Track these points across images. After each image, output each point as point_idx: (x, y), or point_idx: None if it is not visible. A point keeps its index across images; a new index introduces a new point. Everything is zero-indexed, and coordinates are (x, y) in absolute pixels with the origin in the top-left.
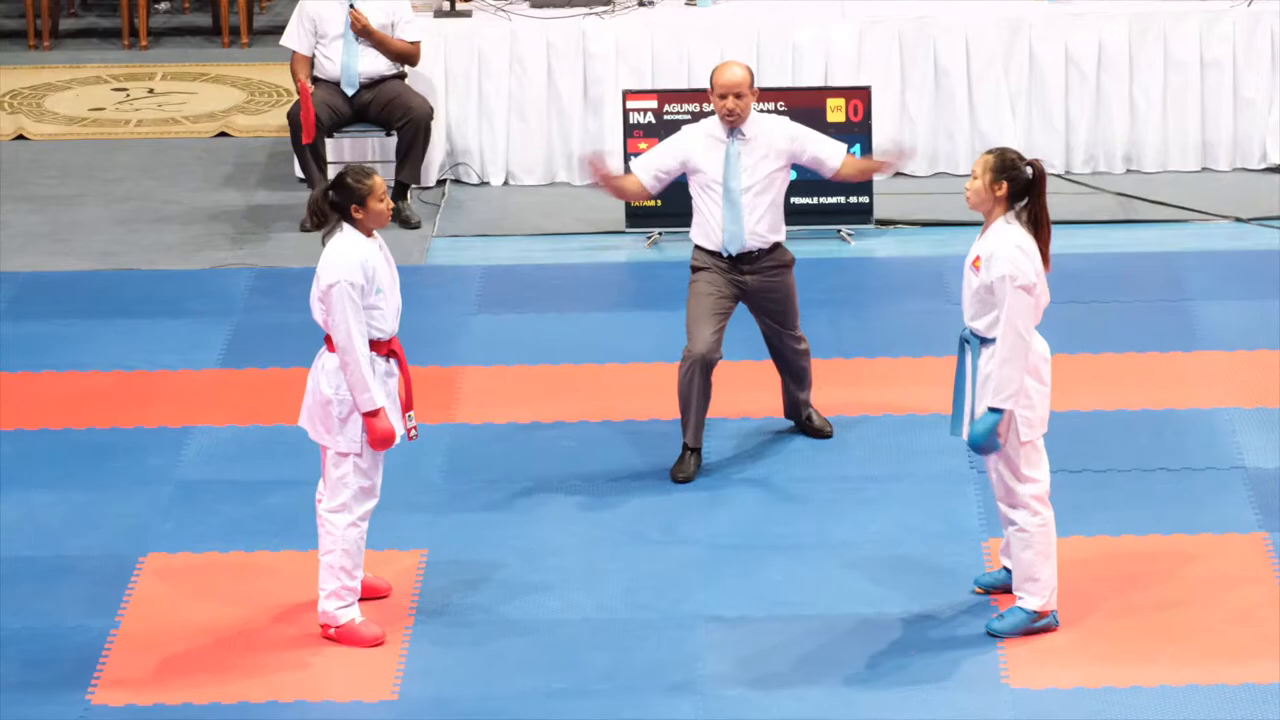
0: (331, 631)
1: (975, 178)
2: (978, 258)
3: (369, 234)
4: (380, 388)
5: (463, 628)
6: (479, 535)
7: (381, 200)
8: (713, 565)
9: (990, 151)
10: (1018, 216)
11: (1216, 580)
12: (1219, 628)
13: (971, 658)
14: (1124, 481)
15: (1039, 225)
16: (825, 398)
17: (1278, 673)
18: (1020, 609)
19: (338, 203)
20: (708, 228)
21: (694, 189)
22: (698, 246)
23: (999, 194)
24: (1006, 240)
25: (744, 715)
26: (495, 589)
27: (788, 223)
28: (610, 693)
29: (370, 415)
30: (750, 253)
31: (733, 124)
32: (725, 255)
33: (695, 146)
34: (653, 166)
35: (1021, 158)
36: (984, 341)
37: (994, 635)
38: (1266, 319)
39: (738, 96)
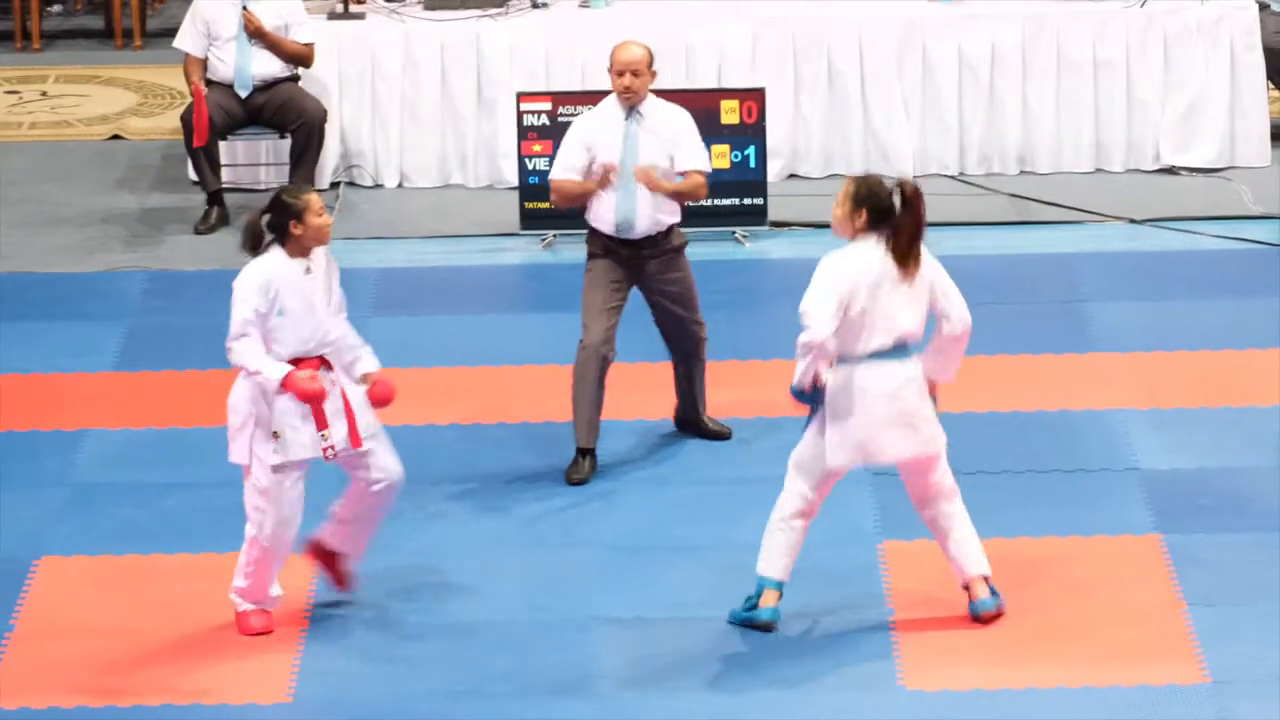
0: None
1: (837, 205)
2: None
3: (305, 253)
4: (274, 363)
5: (359, 629)
6: (375, 537)
7: (320, 215)
8: (610, 567)
9: (851, 179)
10: (884, 240)
11: (1111, 582)
12: (1114, 630)
13: (867, 660)
14: (1019, 483)
15: (905, 245)
16: (721, 399)
17: (1172, 674)
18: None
19: (275, 223)
20: (601, 210)
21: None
22: (593, 231)
23: (858, 223)
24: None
25: (641, 717)
26: (392, 591)
27: (682, 224)
28: (509, 695)
29: (286, 385)
30: (647, 236)
31: (630, 102)
32: (620, 240)
33: (594, 128)
34: (570, 168)
35: (882, 184)
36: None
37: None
38: (1161, 320)
39: (635, 74)
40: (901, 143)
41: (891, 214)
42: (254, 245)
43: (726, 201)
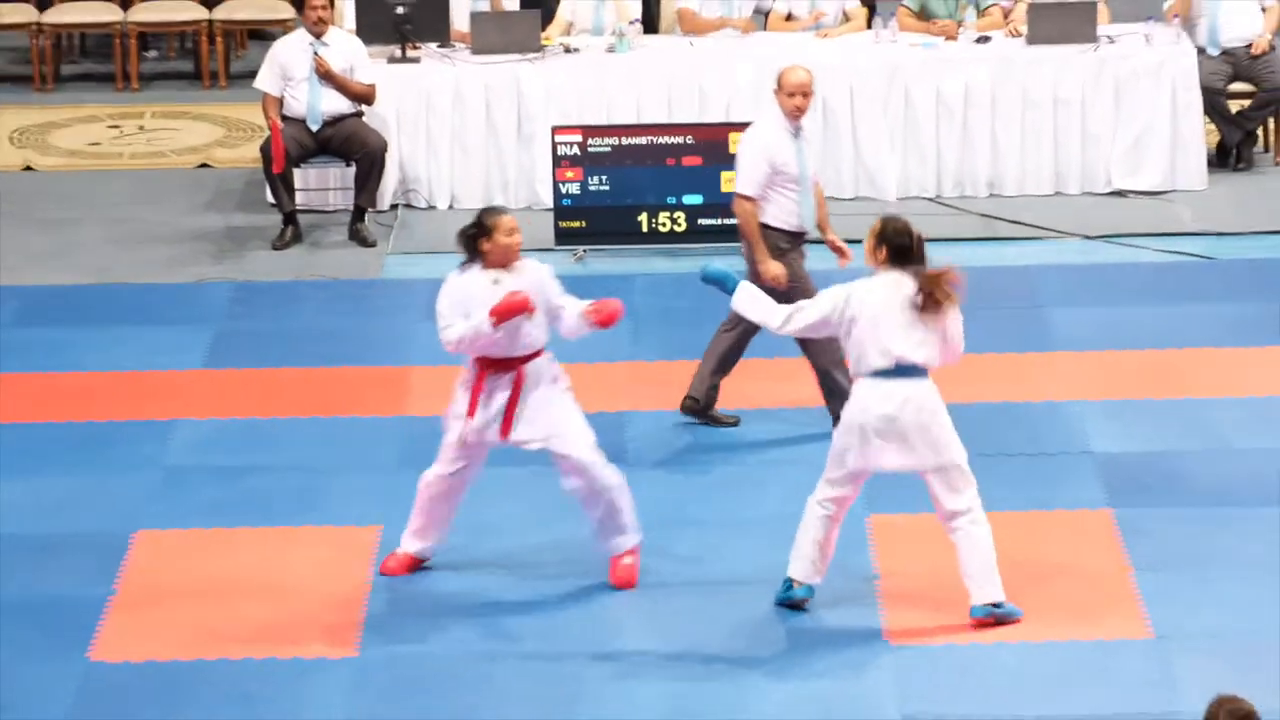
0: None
1: (866, 240)
2: None
3: (498, 267)
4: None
5: (415, 595)
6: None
7: (510, 235)
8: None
9: (880, 219)
10: (909, 276)
11: (1069, 551)
12: (1071, 592)
13: (855, 619)
14: (988, 465)
15: (919, 278)
16: (733, 395)
17: (1121, 630)
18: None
19: (471, 236)
20: (785, 213)
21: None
22: (776, 229)
23: (880, 257)
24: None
25: (656, 672)
26: (443, 559)
27: (694, 240)
28: (540, 654)
29: (494, 317)
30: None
31: (798, 120)
32: (790, 234)
33: (769, 144)
34: (754, 182)
35: (907, 228)
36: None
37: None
38: (1112, 324)
39: (805, 95)
40: (886, 170)
41: (909, 253)
42: (466, 250)
43: (732, 220)
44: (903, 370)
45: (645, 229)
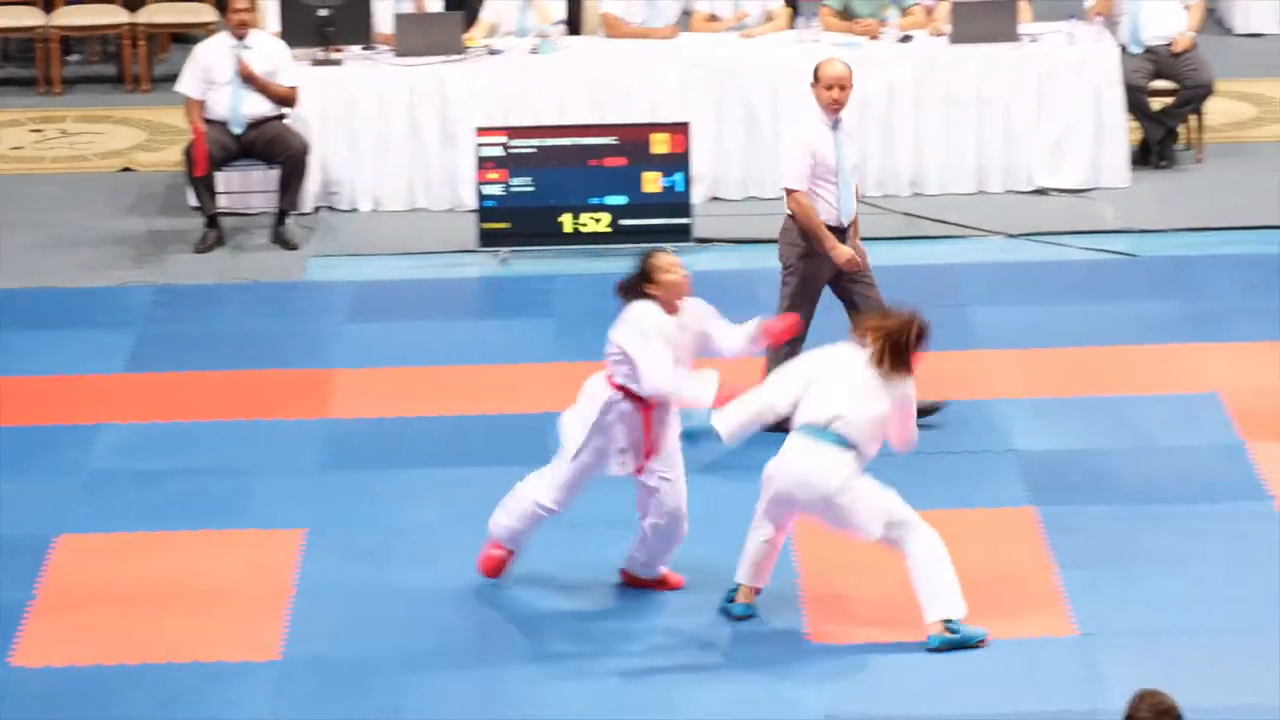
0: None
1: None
2: None
3: (670, 308)
4: (689, 379)
5: (339, 595)
6: (353, 515)
7: (670, 270)
8: (556, 540)
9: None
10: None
11: (991, 548)
12: (995, 589)
13: (777, 618)
14: (912, 463)
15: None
16: None
17: (1045, 627)
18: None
19: (633, 281)
20: (826, 207)
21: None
22: None
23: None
24: None
25: (581, 670)
26: (368, 561)
27: (617, 241)
28: (467, 652)
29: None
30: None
31: (837, 113)
32: (833, 229)
33: (809, 136)
34: (801, 176)
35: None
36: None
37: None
38: (1036, 321)
39: (842, 88)
40: None
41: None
42: (625, 293)
43: (656, 221)
44: (829, 431)
45: (568, 230)
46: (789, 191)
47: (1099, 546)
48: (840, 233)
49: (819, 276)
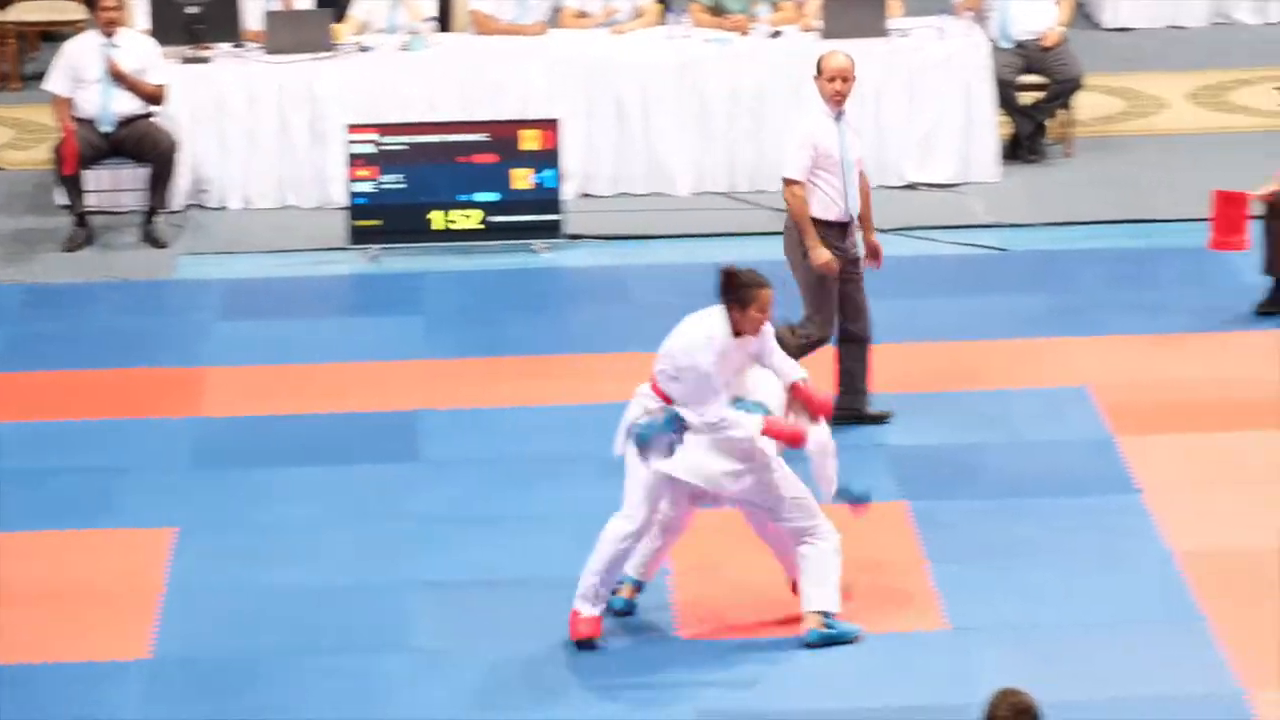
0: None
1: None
2: None
3: (739, 333)
4: (743, 415)
5: (210, 594)
6: (222, 514)
7: (764, 312)
8: (426, 537)
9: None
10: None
11: (864, 544)
12: (868, 582)
13: (646, 613)
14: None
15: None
16: (526, 389)
17: (917, 623)
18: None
19: (728, 291)
20: (828, 201)
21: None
22: (817, 220)
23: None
24: None
25: (453, 667)
26: (238, 560)
27: (487, 238)
28: (338, 649)
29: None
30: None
31: (840, 105)
32: (836, 225)
33: (813, 129)
34: (802, 168)
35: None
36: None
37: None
38: (906, 316)
39: (844, 80)
40: (680, 165)
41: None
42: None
43: (527, 218)
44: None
45: (439, 227)
46: (787, 182)
47: (970, 541)
48: (844, 226)
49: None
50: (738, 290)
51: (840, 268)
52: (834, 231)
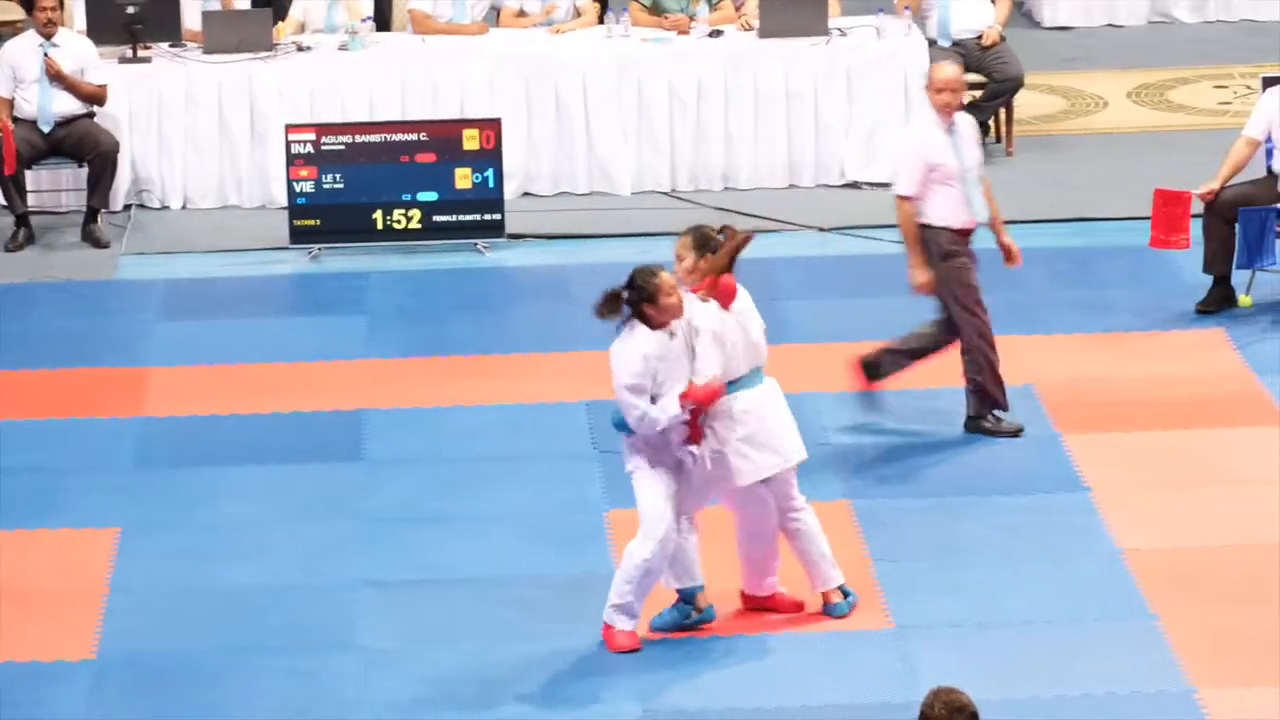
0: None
1: (681, 259)
2: None
3: (664, 325)
4: (666, 404)
5: (154, 594)
6: (166, 514)
7: (671, 295)
8: (373, 536)
9: (687, 232)
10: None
11: None
12: (807, 584)
13: (598, 615)
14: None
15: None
16: (469, 390)
17: (860, 622)
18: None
19: (632, 300)
20: (953, 209)
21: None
22: (940, 228)
23: (704, 266)
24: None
25: (401, 667)
26: (183, 560)
27: (429, 237)
28: (285, 648)
29: (686, 405)
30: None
31: (950, 115)
32: (961, 231)
33: (924, 142)
34: (914, 180)
35: (714, 231)
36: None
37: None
38: (848, 315)
39: (953, 91)
40: (621, 164)
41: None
42: (609, 312)
43: (469, 217)
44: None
45: (380, 226)
46: (899, 198)
47: (913, 539)
48: (968, 235)
49: (969, 268)
50: (641, 292)
51: (960, 282)
52: (962, 237)
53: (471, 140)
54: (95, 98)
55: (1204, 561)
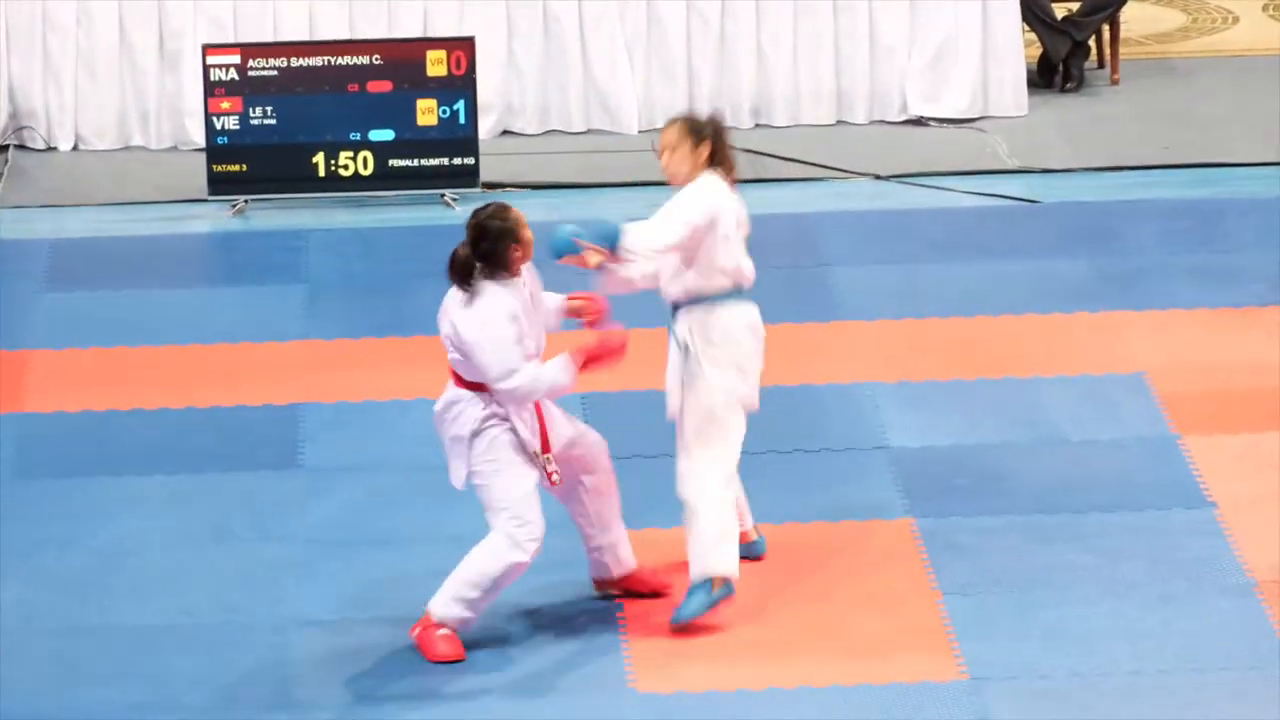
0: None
1: (671, 150)
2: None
3: (517, 274)
4: (556, 365)
5: (32, 635)
6: (50, 534)
7: (527, 226)
8: (309, 563)
9: (673, 121)
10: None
11: (861, 570)
12: (864, 621)
13: (596, 661)
14: (758, 465)
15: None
16: (428, 380)
17: (927, 670)
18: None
19: (487, 251)
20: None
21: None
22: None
23: (702, 158)
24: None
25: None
26: (69, 592)
27: (384, 187)
28: (201, 705)
29: (580, 366)
30: None
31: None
32: None
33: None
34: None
35: (700, 118)
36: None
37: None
38: (910, 284)
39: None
40: (625, 94)
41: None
42: (464, 280)
43: (434, 161)
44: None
45: (322, 173)
46: None
47: (989, 568)
48: None
49: None
50: (501, 233)
51: None
52: None
53: (437, 65)
54: None
55: None
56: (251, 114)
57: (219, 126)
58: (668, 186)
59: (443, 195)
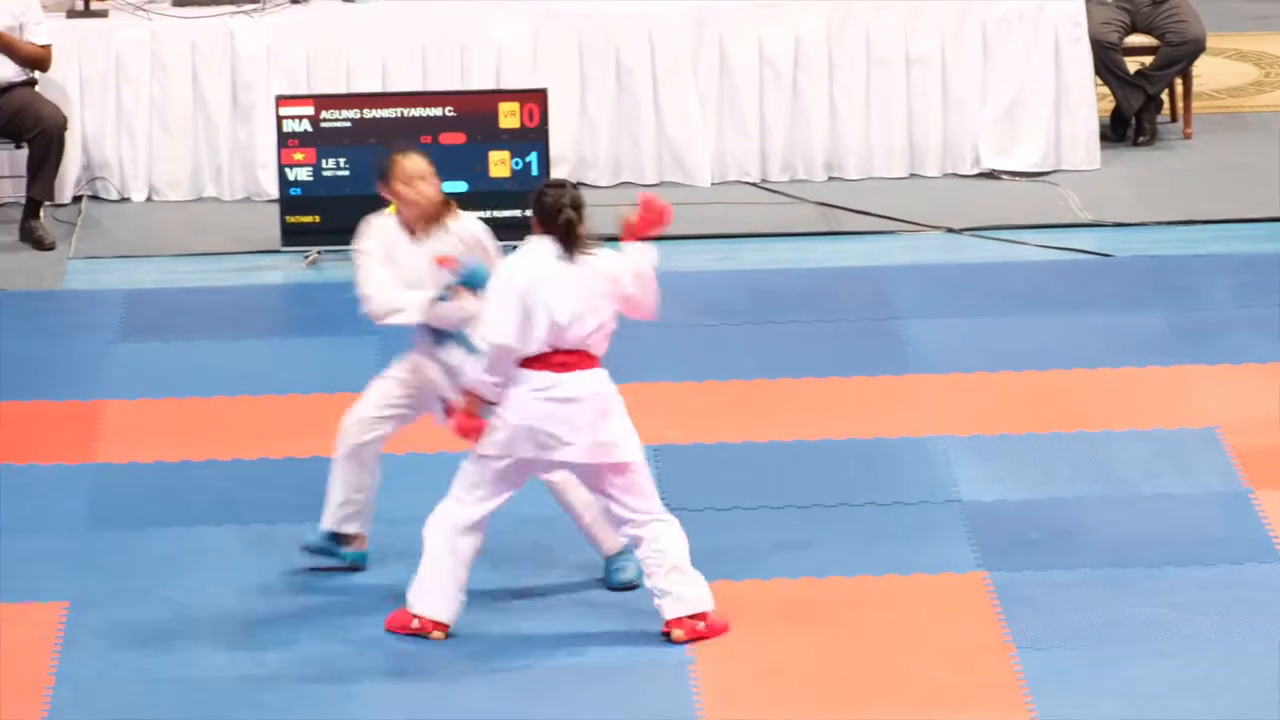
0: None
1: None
2: None
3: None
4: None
5: (109, 688)
6: (125, 586)
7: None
8: (382, 611)
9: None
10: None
11: (933, 623)
12: (936, 677)
13: (666, 705)
14: (830, 518)
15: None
16: None
17: None
18: None
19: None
20: None
21: None
22: None
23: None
24: None
25: None
26: (144, 645)
27: None
28: None
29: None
30: None
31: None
32: None
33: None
34: None
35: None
36: None
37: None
38: (981, 338)
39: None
40: (697, 147)
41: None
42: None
43: (506, 213)
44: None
45: None
46: None
47: (1064, 622)
48: None
49: None
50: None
51: None
52: None
53: (510, 117)
54: (37, 61)
55: None
56: (324, 165)
57: (292, 178)
58: (739, 238)
59: (515, 247)
